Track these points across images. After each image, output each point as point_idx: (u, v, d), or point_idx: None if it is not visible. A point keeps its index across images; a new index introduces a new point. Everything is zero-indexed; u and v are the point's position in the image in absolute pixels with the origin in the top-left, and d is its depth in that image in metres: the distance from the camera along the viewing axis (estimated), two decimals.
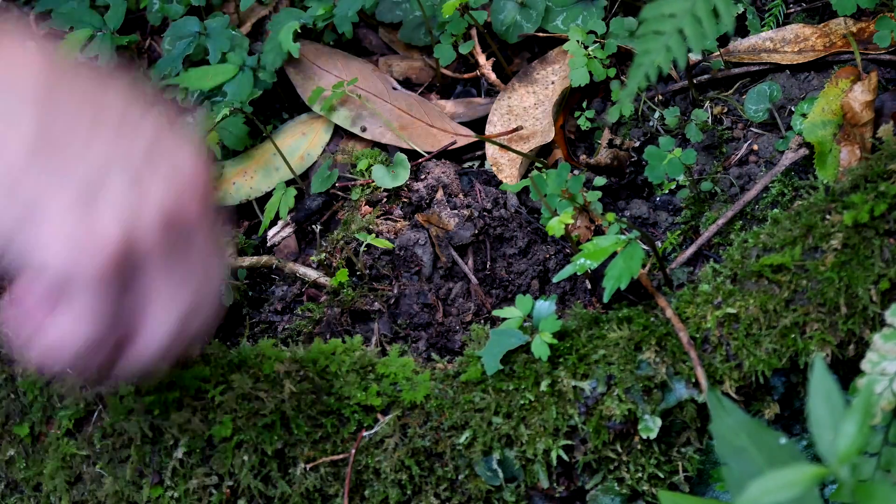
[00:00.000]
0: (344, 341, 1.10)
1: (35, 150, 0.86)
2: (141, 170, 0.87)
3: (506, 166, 1.29)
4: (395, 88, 1.36)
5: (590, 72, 1.28)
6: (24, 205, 0.85)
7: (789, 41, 1.30)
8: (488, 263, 1.22)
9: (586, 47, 1.28)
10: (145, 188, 0.87)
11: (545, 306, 1.06)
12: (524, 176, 1.29)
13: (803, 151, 1.21)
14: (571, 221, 1.09)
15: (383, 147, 1.32)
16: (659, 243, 1.20)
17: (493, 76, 1.35)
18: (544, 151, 1.31)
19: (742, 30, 1.33)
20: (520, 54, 1.38)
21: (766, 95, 1.26)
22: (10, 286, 0.89)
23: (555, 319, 1.05)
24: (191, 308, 0.90)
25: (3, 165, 0.85)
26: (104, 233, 0.85)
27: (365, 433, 1.04)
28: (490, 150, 1.30)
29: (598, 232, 1.21)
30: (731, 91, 1.29)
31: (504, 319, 1.07)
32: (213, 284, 0.92)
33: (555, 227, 1.08)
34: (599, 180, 1.24)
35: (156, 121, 0.90)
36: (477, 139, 1.31)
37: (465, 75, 1.37)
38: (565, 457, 1.03)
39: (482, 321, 1.19)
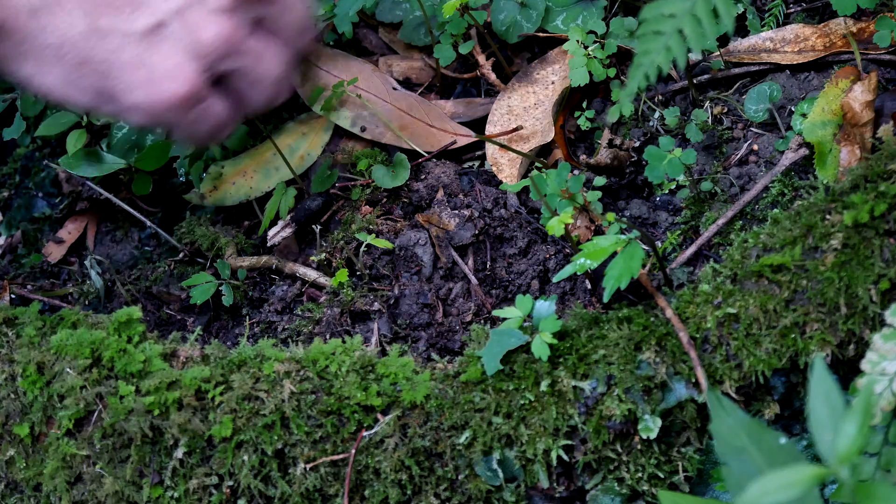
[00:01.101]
0: (344, 341, 1.09)
1: (89, 21, 0.99)
2: None
3: (506, 166, 1.29)
4: (394, 88, 1.36)
5: (590, 72, 1.28)
6: (100, 73, 1.00)
7: (789, 41, 1.30)
8: (488, 263, 1.22)
9: (586, 47, 1.28)
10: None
11: (545, 306, 1.06)
12: (524, 176, 1.29)
13: (803, 151, 1.21)
14: (571, 221, 1.09)
15: (383, 147, 1.32)
16: (659, 243, 1.20)
17: (492, 76, 1.35)
18: (544, 151, 1.31)
19: (742, 30, 1.33)
20: (520, 54, 1.38)
21: (766, 95, 1.26)
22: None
23: (555, 319, 1.05)
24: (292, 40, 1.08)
25: (68, 46, 0.99)
26: (176, 70, 1.01)
27: (365, 433, 1.04)
28: (490, 149, 1.30)
29: (598, 232, 1.21)
30: (731, 91, 1.29)
31: (504, 319, 1.07)
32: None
33: (555, 226, 1.08)
34: (599, 180, 1.24)
35: None
36: (477, 139, 1.31)
37: (465, 75, 1.37)
38: (565, 457, 1.03)
39: (482, 321, 1.19)
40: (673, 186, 1.24)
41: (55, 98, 1.03)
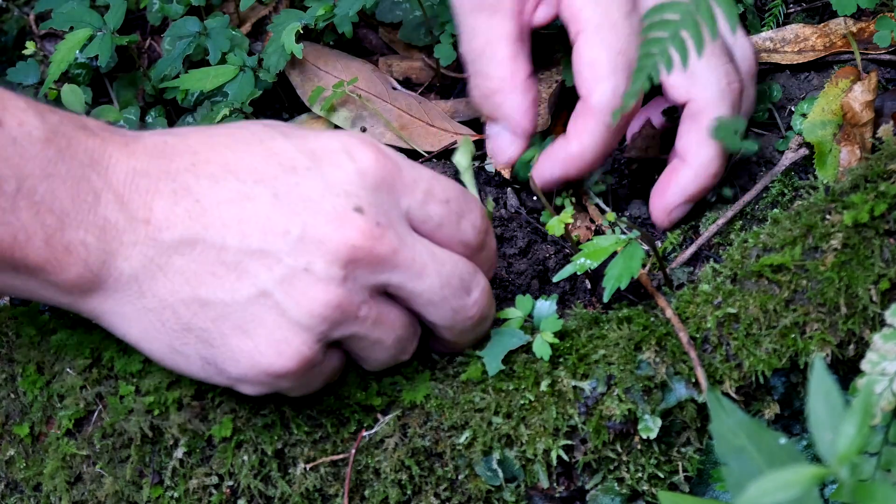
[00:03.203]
0: None
1: (190, 289, 0.96)
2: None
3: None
4: (394, 88, 1.36)
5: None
6: (203, 341, 0.98)
7: (789, 41, 1.30)
8: None
9: None
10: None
11: (546, 306, 1.06)
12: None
13: (803, 151, 1.21)
14: (571, 221, 1.09)
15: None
16: (659, 243, 1.20)
17: None
18: None
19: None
20: None
21: (766, 95, 1.26)
22: None
23: (556, 319, 1.05)
24: None
25: (169, 313, 0.97)
26: (283, 344, 0.97)
27: (365, 433, 1.04)
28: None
29: (599, 232, 1.21)
30: None
31: (505, 320, 1.07)
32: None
33: (555, 226, 1.08)
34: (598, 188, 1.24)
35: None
36: (477, 138, 1.31)
37: (465, 75, 1.37)
38: (565, 457, 1.03)
39: None
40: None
41: (167, 367, 1.01)
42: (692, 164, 1.16)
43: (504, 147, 1.21)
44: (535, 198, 1.25)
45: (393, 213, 0.98)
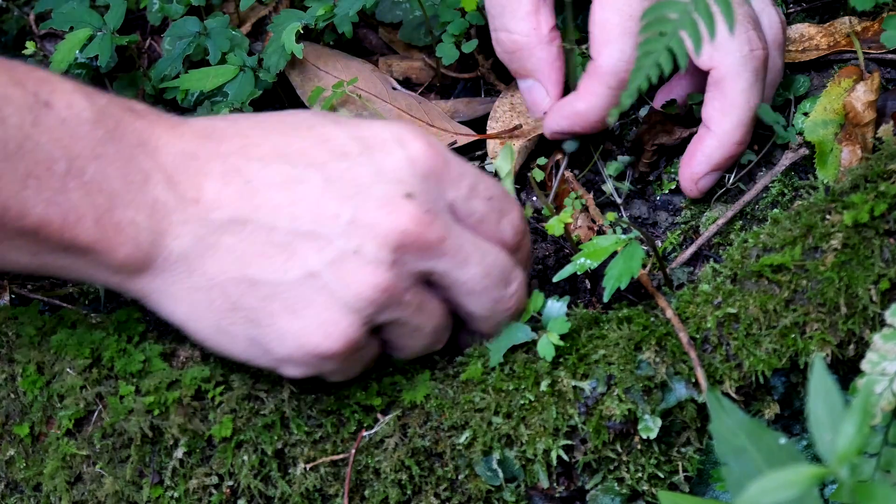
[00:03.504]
0: None
1: (240, 267, 0.97)
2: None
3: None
4: (394, 88, 1.36)
5: None
6: (250, 321, 0.98)
7: (793, 40, 1.30)
8: None
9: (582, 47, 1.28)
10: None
11: (557, 306, 1.05)
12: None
13: (804, 151, 1.21)
14: (571, 221, 1.08)
15: None
16: (659, 243, 1.20)
17: (492, 76, 1.35)
18: (549, 149, 1.30)
19: None
20: None
21: (791, 85, 1.26)
22: None
23: (564, 321, 1.04)
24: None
25: (217, 291, 0.97)
26: (330, 325, 0.98)
27: (365, 433, 1.04)
28: (490, 144, 1.30)
29: (600, 232, 1.21)
30: None
31: None
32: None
33: (554, 226, 1.08)
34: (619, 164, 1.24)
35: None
36: (477, 138, 1.31)
37: (465, 75, 1.37)
38: (565, 457, 1.03)
39: None
40: (673, 186, 1.24)
41: (211, 348, 1.02)
42: (716, 132, 1.16)
43: (538, 101, 1.23)
44: (535, 198, 1.25)
45: (440, 202, 1.00)
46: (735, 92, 1.14)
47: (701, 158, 1.17)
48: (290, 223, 0.97)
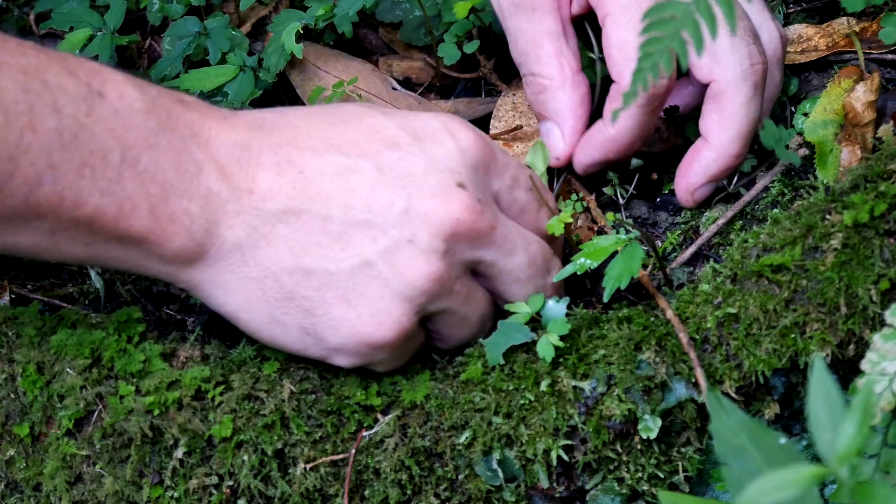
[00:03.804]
0: None
1: (294, 257, 0.98)
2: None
3: None
4: (394, 88, 1.36)
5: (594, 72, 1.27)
6: (304, 310, 1.00)
7: (792, 41, 1.30)
8: None
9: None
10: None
11: (557, 307, 1.05)
12: None
13: (804, 151, 1.21)
14: (571, 221, 1.08)
15: None
16: (659, 243, 1.20)
17: (494, 77, 1.35)
18: None
19: None
20: None
21: (783, 88, 1.26)
22: None
23: (564, 322, 1.04)
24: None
25: (271, 281, 0.98)
26: (384, 313, 0.99)
27: (365, 433, 1.04)
28: None
29: (600, 232, 1.21)
30: None
31: (513, 313, 1.07)
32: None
33: (554, 225, 1.08)
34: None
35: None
36: None
37: (466, 75, 1.37)
38: (565, 457, 1.03)
39: None
40: (672, 186, 1.24)
41: (262, 339, 1.03)
42: (714, 144, 1.15)
43: (553, 145, 1.21)
44: None
45: (488, 192, 1.02)
46: (734, 105, 1.14)
47: (698, 170, 1.17)
48: (345, 213, 0.98)
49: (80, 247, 0.96)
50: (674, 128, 1.23)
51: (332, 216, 0.98)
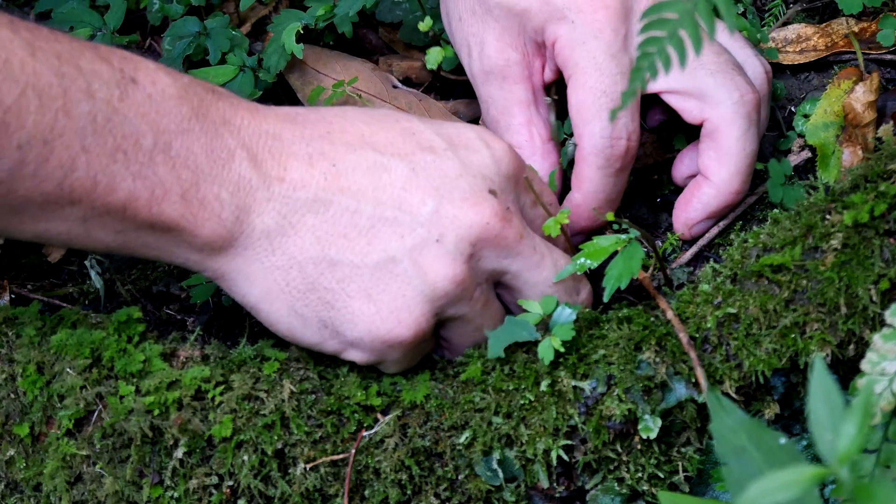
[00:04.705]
0: None
1: (320, 248, 0.99)
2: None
3: None
4: (395, 87, 1.35)
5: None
6: (325, 302, 1.00)
7: (791, 41, 1.30)
8: None
9: None
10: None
11: (567, 313, 1.05)
12: None
13: (805, 154, 1.21)
14: (567, 222, 1.08)
15: None
16: (659, 243, 1.20)
17: None
18: None
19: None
20: None
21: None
22: None
23: (570, 328, 1.04)
24: None
25: (296, 270, 0.99)
26: (404, 311, 1.00)
27: (365, 433, 1.04)
28: None
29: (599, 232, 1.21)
30: None
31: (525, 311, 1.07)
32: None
33: (551, 227, 1.08)
34: None
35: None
36: None
37: (464, 77, 1.37)
38: (565, 457, 1.03)
39: None
40: (673, 187, 1.24)
41: (281, 332, 1.03)
42: (714, 181, 1.15)
43: None
44: None
45: (517, 203, 1.03)
46: (730, 140, 1.13)
47: (697, 206, 1.16)
48: (374, 208, 0.98)
49: (111, 234, 0.96)
50: (658, 143, 1.23)
51: (362, 210, 0.98)
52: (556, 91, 1.19)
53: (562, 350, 1.03)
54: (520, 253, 1.02)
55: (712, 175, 1.15)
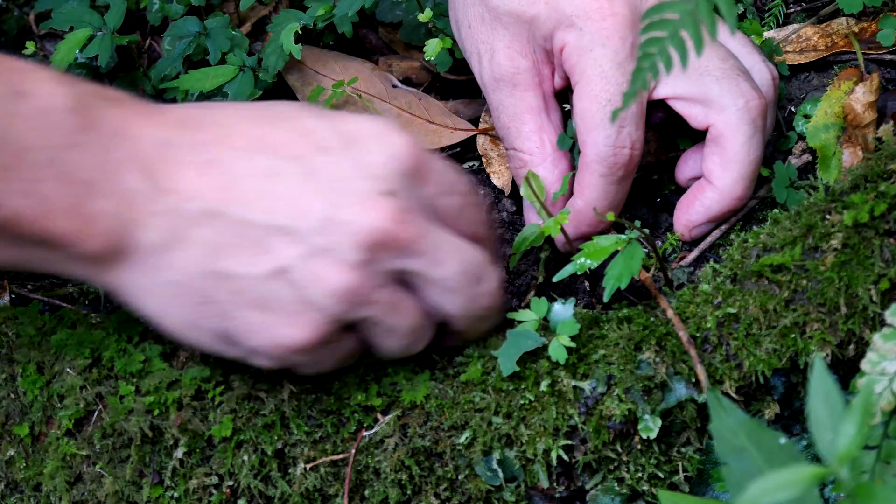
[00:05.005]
0: None
1: (210, 261, 0.96)
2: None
3: (495, 160, 1.29)
4: (394, 86, 1.35)
5: None
6: (220, 314, 0.98)
7: (791, 41, 1.30)
8: None
9: None
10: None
11: (563, 309, 1.05)
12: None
13: (806, 157, 1.21)
14: (567, 222, 1.08)
15: None
16: (659, 243, 1.20)
17: None
18: None
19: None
20: None
21: None
22: None
23: (573, 322, 1.03)
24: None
25: (188, 286, 0.96)
26: (298, 318, 0.97)
27: (365, 433, 1.04)
28: (480, 140, 1.30)
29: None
30: None
31: (519, 322, 1.07)
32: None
33: (551, 228, 1.08)
34: None
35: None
36: (478, 132, 1.31)
37: (463, 77, 1.37)
38: (565, 457, 1.03)
39: None
40: (673, 187, 1.24)
41: (181, 341, 1.01)
42: (717, 186, 1.14)
43: (531, 219, 1.20)
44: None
45: (418, 200, 1.00)
46: (734, 146, 1.13)
47: (699, 209, 1.16)
48: (265, 217, 0.96)
49: (6, 251, 0.95)
50: (661, 141, 1.23)
51: (253, 220, 0.96)
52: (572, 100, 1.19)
53: (572, 346, 1.02)
54: (419, 252, 0.98)
55: (716, 180, 1.14)
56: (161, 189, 0.95)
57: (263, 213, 0.96)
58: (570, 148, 1.18)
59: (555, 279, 1.10)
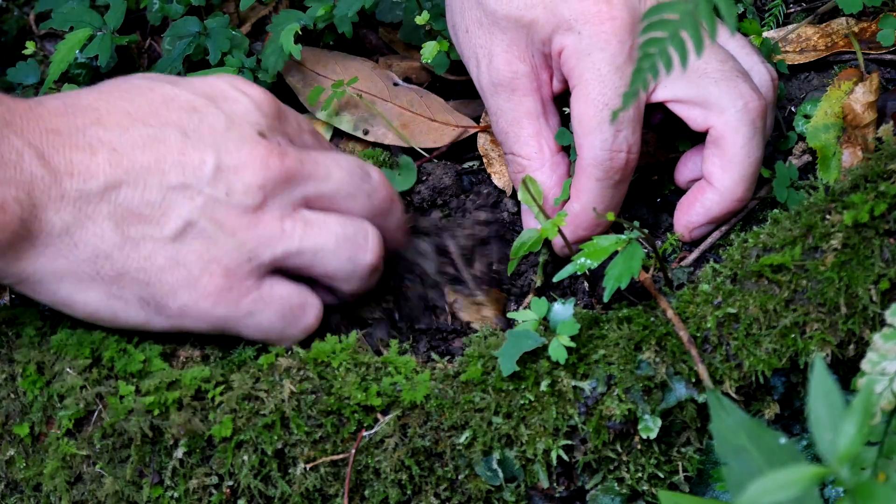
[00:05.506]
0: (340, 340, 1.09)
1: (120, 232, 1.01)
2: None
3: (496, 161, 1.29)
4: (395, 84, 1.35)
5: None
6: (140, 281, 1.03)
7: (791, 41, 1.30)
8: (494, 265, 1.22)
9: None
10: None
11: (563, 309, 1.05)
12: None
13: (806, 158, 1.21)
14: (565, 224, 1.08)
15: (386, 146, 1.32)
16: (659, 244, 1.20)
17: None
18: None
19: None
20: None
21: None
22: None
23: (573, 322, 1.04)
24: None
25: (103, 259, 1.01)
26: (212, 264, 1.03)
27: (365, 433, 1.04)
28: (481, 140, 1.30)
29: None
30: None
31: (516, 322, 1.07)
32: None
33: (549, 229, 1.08)
34: None
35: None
36: (480, 129, 1.31)
37: (462, 77, 1.37)
38: (565, 457, 1.03)
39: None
40: (673, 187, 1.24)
41: (102, 319, 1.04)
42: (717, 187, 1.14)
43: (530, 224, 1.20)
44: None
45: (285, 137, 1.07)
46: (734, 148, 1.13)
47: (700, 210, 1.16)
48: (160, 179, 1.01)
49: None
50: (660, 143, 1.23)
51: (150, 185, 1.01)
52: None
53: (572, 345, 1.03)
54: (308, 175, 1.05)
55: (716, 181, 1.14)
56: (60, 172, 0.99)
57: (158, 176, 1.01)
58: (570, 146, 1.18)
59: (555, 279, 1.10)
